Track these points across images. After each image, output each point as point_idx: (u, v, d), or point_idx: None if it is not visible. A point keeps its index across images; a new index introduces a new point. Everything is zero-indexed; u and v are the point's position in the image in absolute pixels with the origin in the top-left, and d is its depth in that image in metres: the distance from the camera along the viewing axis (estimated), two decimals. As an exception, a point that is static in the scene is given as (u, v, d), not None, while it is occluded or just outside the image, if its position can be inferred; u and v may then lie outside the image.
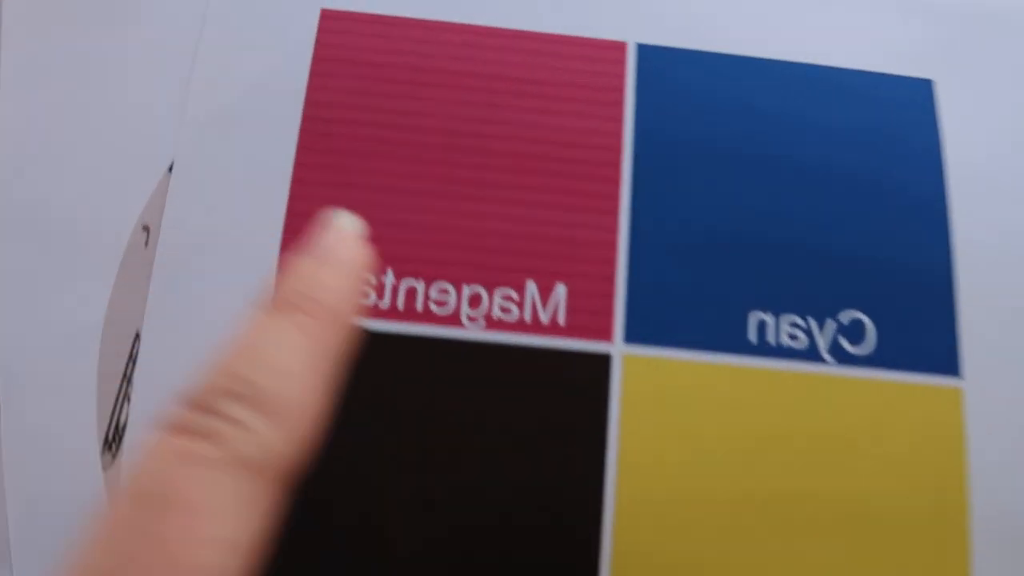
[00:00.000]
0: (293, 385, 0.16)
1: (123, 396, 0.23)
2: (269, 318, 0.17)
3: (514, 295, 0.24)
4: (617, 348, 0.24)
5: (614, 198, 0.25)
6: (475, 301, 0.24)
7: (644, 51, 0.26)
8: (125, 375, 0.23)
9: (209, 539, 0.14)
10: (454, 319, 0.24)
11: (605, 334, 0.24)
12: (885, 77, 0.27)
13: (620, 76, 0.26)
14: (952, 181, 0.26)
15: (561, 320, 0.24)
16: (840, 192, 0.25)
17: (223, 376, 0.15)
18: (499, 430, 0.23)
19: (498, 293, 0.24)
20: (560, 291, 0.24)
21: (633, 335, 0.24)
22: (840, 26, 0.27)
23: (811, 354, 0.24)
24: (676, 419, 0.23)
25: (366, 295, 0.23)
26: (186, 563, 0.13)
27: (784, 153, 0.25)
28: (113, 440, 0.23)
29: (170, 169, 0.25)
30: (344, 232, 0.18)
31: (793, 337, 0.24)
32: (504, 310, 0.24)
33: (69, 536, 0.17)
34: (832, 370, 0.24)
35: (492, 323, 0.24)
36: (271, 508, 0.15)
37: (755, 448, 0.23)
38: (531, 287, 0.24)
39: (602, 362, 0.23)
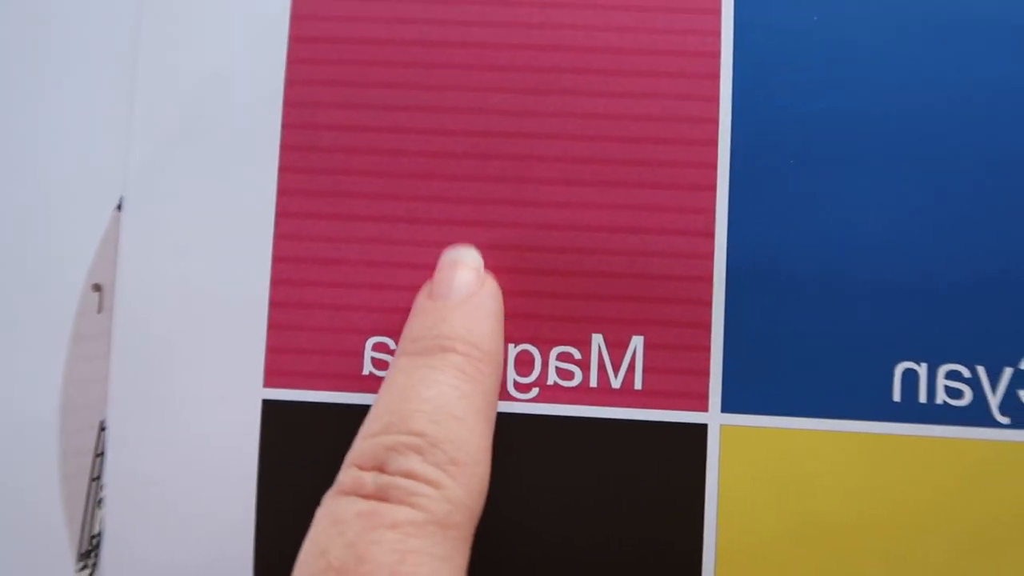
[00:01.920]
0: (465, 432, 0.15)
1: (94, 499, 0.19)
2: (423, 363, 0.16)
3: (575, 355, 0.18)
4: (713, 419, 0.18)
5: (708, 214, 0.18)
6: (525, 363, 0.18)
7: (743, 7, 0.19)
8: (92, 475, 0.19)
9: None
10: (500, 391, 0.18)
11: (700, 401, 0.18)
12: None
13: (715, 34, 0.19)
14: None
15: (638, 384, 0.18)
16: (1012, 198, 0.18)
17: (394, 429, 0.15)
18: (564, 524, 0.18)
19: (554, 353, 0.18)
20: (636, 345, 0.18)
21: (733, 401, 0.18)
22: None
23: (979, 415, 0.18)
24: (799, 509, 0.18)
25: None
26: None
27: (934, 145, 0.18)
28: (90, 552, 0.19)
29: (119, 207, 0.19)
30: (469, 265, 0.18)
31: (955, 394, 0.18)
32: (563, 375, 0.18)
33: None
34: (1006, 435, 0.18)
35: (547, 391, 0.18)
36: (464, 564, 0.15)
37: (898, 540, 0.17)
38: (597, 342, 0.18)
39: (696, 435, 0.18)
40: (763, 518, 0.18)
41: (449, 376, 0.16)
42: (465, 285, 0.17)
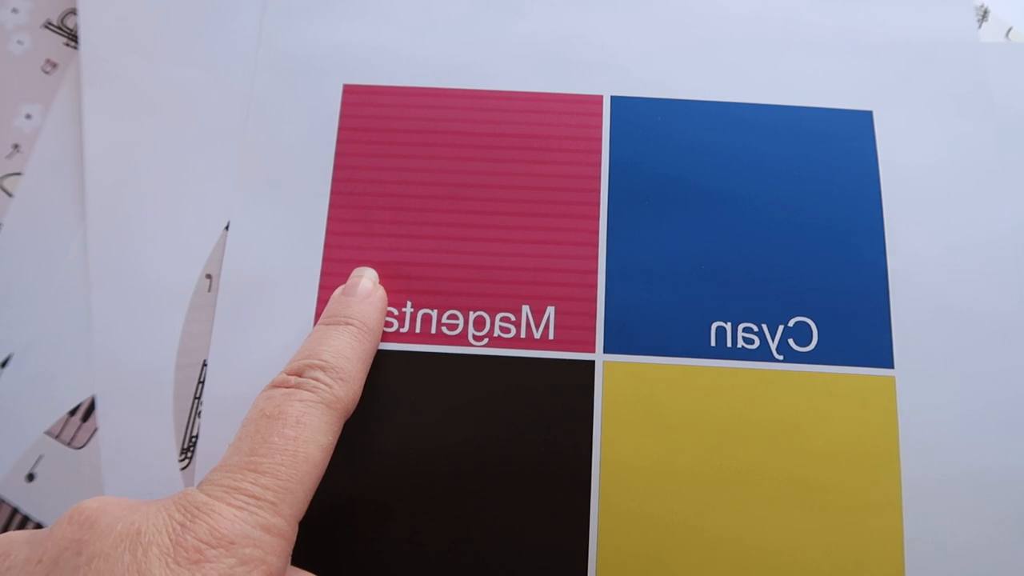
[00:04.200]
0: (348, 363, 0.26)
1: (195, 413, 0.29)
2: (327, 328, 0.27)
3: (512, 317, 0.29)
4: (599, 357, 0.28)
5: (594, 233, 0.30)
6: (479, 324, 0.29)
7: (617, 102, 0.31)
8: (196, 396, 0.29)
9: (312, 441, 0.23)
10: (462, 339, 0.29)
11: (589, 346, 0.28)
12: (829, 111, 0.31)
13: (597, 126, 0.31)
14: (887, 199, 0.30)
15: (551, 336, 0.29)
16: (787, 215, 0.30)
17: (307, 357, 0.25)
18: (503, 425, 0.27)
19: (498, 316, 0.29)
20: (550, 312, 0.29)
21: (611, 346, 0.28)
22: (789, 68, 0.32)
23: (764, 354, 0.28)
24: (649, 412, 0.28)
25: (388, 324, 0.29)
26: (301, 451, 0.22)
27: (738, 186, 0.30)
28: (188, 448, 0.28)
29: (227, 228, 0.30)
30: (368, 278, 0.29)
31: (748, 341, 0.28)
32: (504, 330, 0.29)
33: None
34: (782, 367, 0.28)
35: (494, 341, 0.29)
36: (338, 434, 0.24)
37: (716, 433, 0.27)
38: (526, 310, 0.29)
39: (587, 368, 0.28)
40: (631, 418, 0.28)
41: (346, 336, 0.26)
42: (364, 289, 0.28)
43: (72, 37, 0.33)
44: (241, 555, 0.20)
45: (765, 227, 0.29)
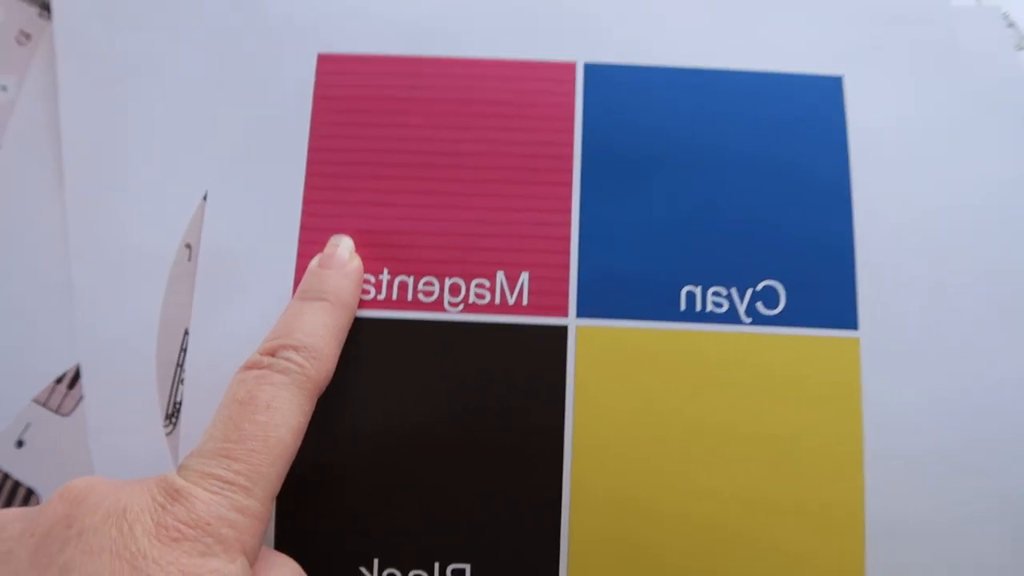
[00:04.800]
0: (321, 341, 0.26)
1: (178, 380, 0.29)
2: (302, 304, 0.27)
3: (487, 283, 0.29)
4: (572, 321, 0.29)
5: (567, 199, 0.30)
6: (455, 290, 0.29)
7: (590, 69, 0.32)
8: (178, 363, 0.29)
9: (283, 424, 0.24)
10: (438, 305, 0.29)
11: (561, 311, 0.29)
12: (799, 77, 0.32)
13: (570, 93, 0.31)
14: (854, 164, 0.30)
15: (525, 301, 0.29)
16: (757, 181, 0.30)
17: (281, 337, 0.26)
18: (476, 388, 0.28)
19: (473, 283, 0.29)
20: (524, 278, 0.29)
21: (584, 310, 0.29)
22: (760, 34, 0.32)
23: (732, 317, 0.29)
24: (621, 374, 0.28)
25: (365, 291, 0.29)
26: (272, 436, 0.23)
27: (708, 152, 0.30)
28: (172, 414, 0.29)
29: (205, 197, 0.30)
30: (344, 247, 0.29)
31: (717, 304, 0.29)
32: (479, 296, 0.29)
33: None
34: (750, 329, 0.29)
35: (469, 307, 0.29)
36: (310, 412, 0.25)
37: (686, 393, 0.28)
38: (500, 276, 0.29)
39: (560, 332, 0.29)
40: (603, 381, 0.28)
41: (320, 312, 0.27)
42: (339, 260, 0.28)
43: (45, 7, 0.33)
44: (217, 535, 0.21)
45: (735, 193, 0.30)
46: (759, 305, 0.29)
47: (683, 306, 0.29)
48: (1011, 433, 0.28)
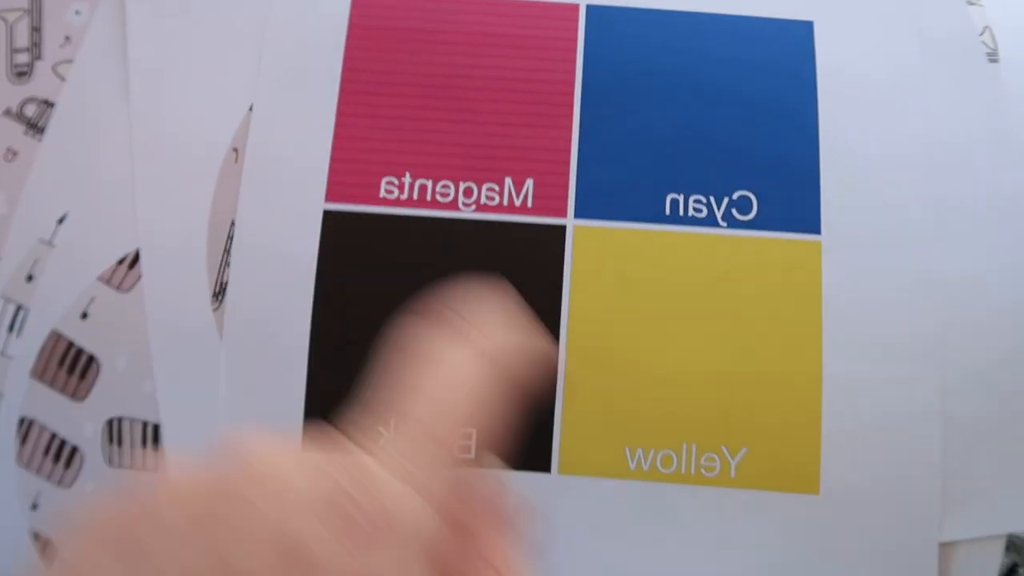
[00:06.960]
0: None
1: (224, 264, 0.33)
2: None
3: (496, 187, 0.34)
4: (570, 222, 0.33)
5: (568, 118, 0.34)
6: (468, 192, 0.34)
7: (591, 10, 0.36)
8: (226, 249, 0.34)
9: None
10: (454, 205, 0.33)
11: (561, 212, 0.33)
12: (776, 21, 0.36)
13: (573, 29, 0.35)
14: (821, 95, 0.34)
15: (530, 203, 0.33)
16: (735, 109, 0.34)
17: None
18: (486, 277, 0.32)
19: (485, 186, 0.34)
20: (529, 184, 0.34)
21: (581, 212, 0.33)
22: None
23: (710, 221, 0.33)
24: (612, 267, 0.33)
25: (389, 191, 0.33)
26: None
27: (693, 84, 0.35)
28: (219, 293, 0.33)
29: (250, 109, 0.35)
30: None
31: (698, 210, 0.33)
32: (489, 198, 0.33)
33: (192, 359, 0.28)
34: (725, 232, 0.33)
35: (481, 207, 0.33)
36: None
37: (668, 285, 0.32)
38: (508, 181, 0.34)
39: (559, 231, 0.33)
40: (597, 273, 0.33)
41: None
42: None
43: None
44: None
45: (715, 117, 0.34)
46: (734, 211, 0.33)
47: (668, 211, 0.33)
48: (945, 325, 0.32)
